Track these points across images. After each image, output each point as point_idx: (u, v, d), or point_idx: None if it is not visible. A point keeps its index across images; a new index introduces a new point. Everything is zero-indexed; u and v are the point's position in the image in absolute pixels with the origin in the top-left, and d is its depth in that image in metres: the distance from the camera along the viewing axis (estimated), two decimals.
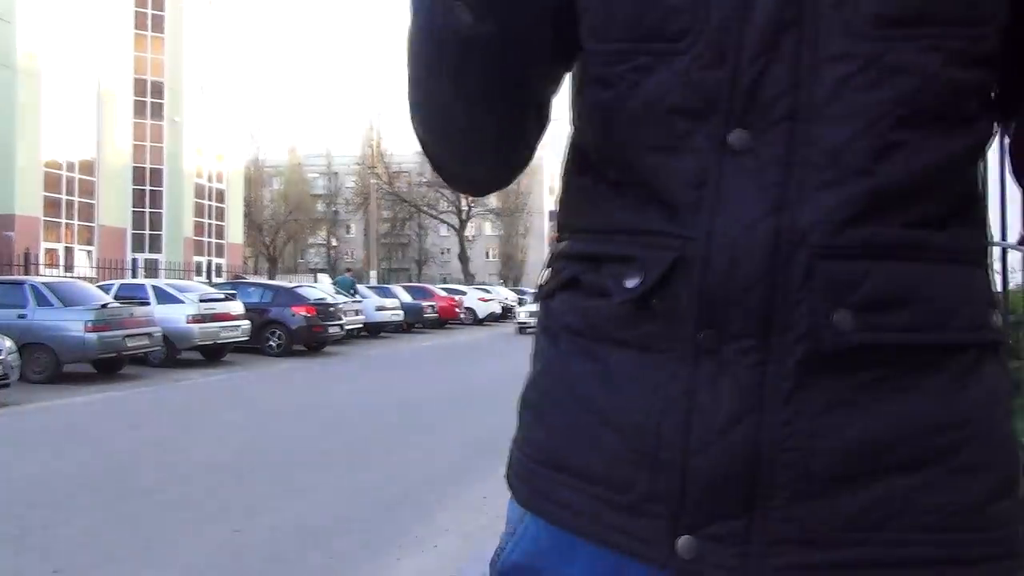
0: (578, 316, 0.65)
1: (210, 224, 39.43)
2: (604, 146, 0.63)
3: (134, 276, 21.53)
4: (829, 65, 0.55)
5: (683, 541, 0.58)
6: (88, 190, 31.06)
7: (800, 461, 0.56)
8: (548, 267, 0.70)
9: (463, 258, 47.27)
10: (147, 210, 35.12)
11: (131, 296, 13.04)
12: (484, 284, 39.19)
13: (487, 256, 60.41)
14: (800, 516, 0.56)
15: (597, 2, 0.62)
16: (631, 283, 0.60)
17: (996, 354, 0.62)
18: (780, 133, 0.56)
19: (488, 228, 58.48)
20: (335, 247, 60.07)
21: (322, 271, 46.54)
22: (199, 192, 38.52)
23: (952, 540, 0.57)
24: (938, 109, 0.56)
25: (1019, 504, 0.60)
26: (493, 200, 47.89)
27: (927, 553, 0.56)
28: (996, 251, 2.13)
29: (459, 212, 47.87)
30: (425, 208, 48.66)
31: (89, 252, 29.75)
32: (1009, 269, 2.13)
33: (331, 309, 15.98)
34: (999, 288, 2.17)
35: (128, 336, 11.24)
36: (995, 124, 0.62)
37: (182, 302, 13.12)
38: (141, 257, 30.64)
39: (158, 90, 35.68)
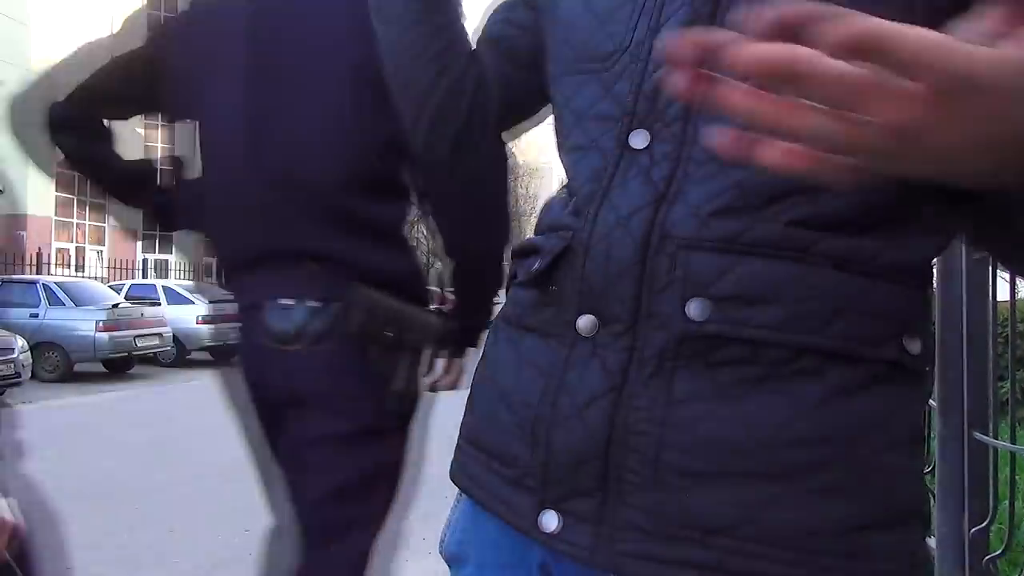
0: (509, 306, 0.72)
1: None
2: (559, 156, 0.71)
3: (144, 276, 21.64)
4: None
5: (545, 514, 0.61)
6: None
7: (650, 447, 0.56)
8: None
9: None
10: None
11: (142, 296, 13.14)
12: None
13: None
14: (648, 506, 0.57)
15: (557, 35, 0.71)
16: (530, 269, 0.66)
17: (902, 377, 0.58)
18: (673, 133, 0.60)
19: None
20: None
21: None
22: None
23: (807, 560, 0.54)
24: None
25: (904, 542, 0.57)
26: None
27: (772, 569, 0.54)
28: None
29: None
30: None
31: (100, 252, 29.90)
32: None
33: None
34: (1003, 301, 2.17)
35: (138, 336, 11.32)
36: None
37: (192, 303, 13.19)
38: (152, 258, 30.76)
39: None
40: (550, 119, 0.76)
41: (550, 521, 0.61)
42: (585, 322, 0.61)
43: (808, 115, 0.36)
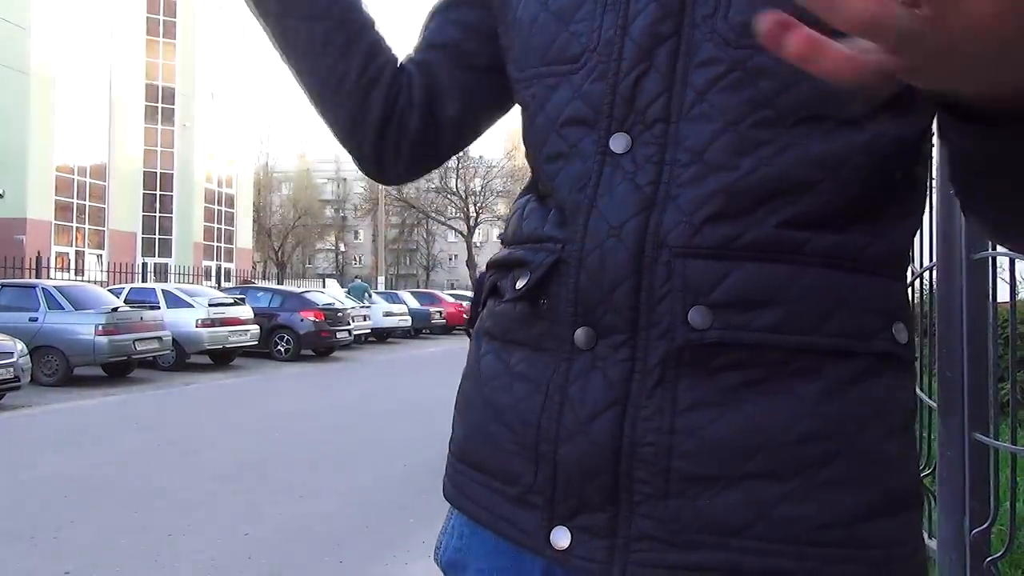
0: (493, 320, 0.69)
1: (220, 229, 39.59)
2: (530, 163, 0.68)
3: (144, 280, 21.65)
4: (698, 70, 0.58)
5: (556, 532, 0.60)
6: (99, 194, 31.24)
7: (659, 457, 0.56)
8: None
9: (471, 264, 47.30)
10: (157, 214, 35.28)
11: (141, 300, 13.10)
12: None
13: None
14: (661, 515, 0.57)
15: (517, 36, 0.69)
16: (519, 285, 0.64)
17: (894, 367, 0.59)
18: (654, 135, 0.59)
19: (496, 234, 58.52)
20: (343, 252, 60.21)
21: (330, 276, 46.67)
22: (209, 197, 38.67)
23: (816, 554, 0.55)
24: (809, 110, 0.56)
25: (908, 526, 0.58)
26: (501, 207, 47.92)
27: (787, 565, 0.55)
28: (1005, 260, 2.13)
29: (467, 218, 47.93)
30: (433, 214, 48.72)
31: (99, 256, 29.89)
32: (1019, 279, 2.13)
33: (339, 314, 16.02)
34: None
35: (138, 340, 11.30)
36: (898, 125, 0.58)
37: (191, 306, 13.18)
38: (151, 261, 30.80)
39: (169, 96, 35.87)
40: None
41: (561, 538, 0.60)
42: (582, 335, 0.59)
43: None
